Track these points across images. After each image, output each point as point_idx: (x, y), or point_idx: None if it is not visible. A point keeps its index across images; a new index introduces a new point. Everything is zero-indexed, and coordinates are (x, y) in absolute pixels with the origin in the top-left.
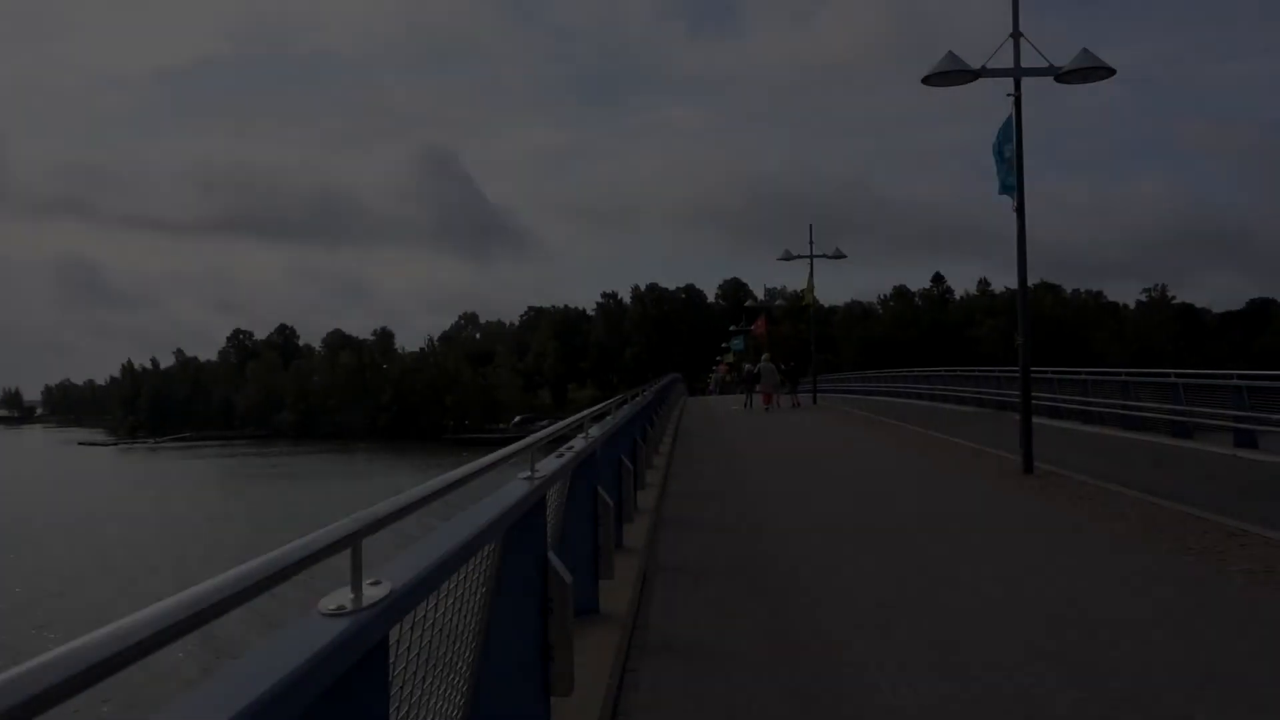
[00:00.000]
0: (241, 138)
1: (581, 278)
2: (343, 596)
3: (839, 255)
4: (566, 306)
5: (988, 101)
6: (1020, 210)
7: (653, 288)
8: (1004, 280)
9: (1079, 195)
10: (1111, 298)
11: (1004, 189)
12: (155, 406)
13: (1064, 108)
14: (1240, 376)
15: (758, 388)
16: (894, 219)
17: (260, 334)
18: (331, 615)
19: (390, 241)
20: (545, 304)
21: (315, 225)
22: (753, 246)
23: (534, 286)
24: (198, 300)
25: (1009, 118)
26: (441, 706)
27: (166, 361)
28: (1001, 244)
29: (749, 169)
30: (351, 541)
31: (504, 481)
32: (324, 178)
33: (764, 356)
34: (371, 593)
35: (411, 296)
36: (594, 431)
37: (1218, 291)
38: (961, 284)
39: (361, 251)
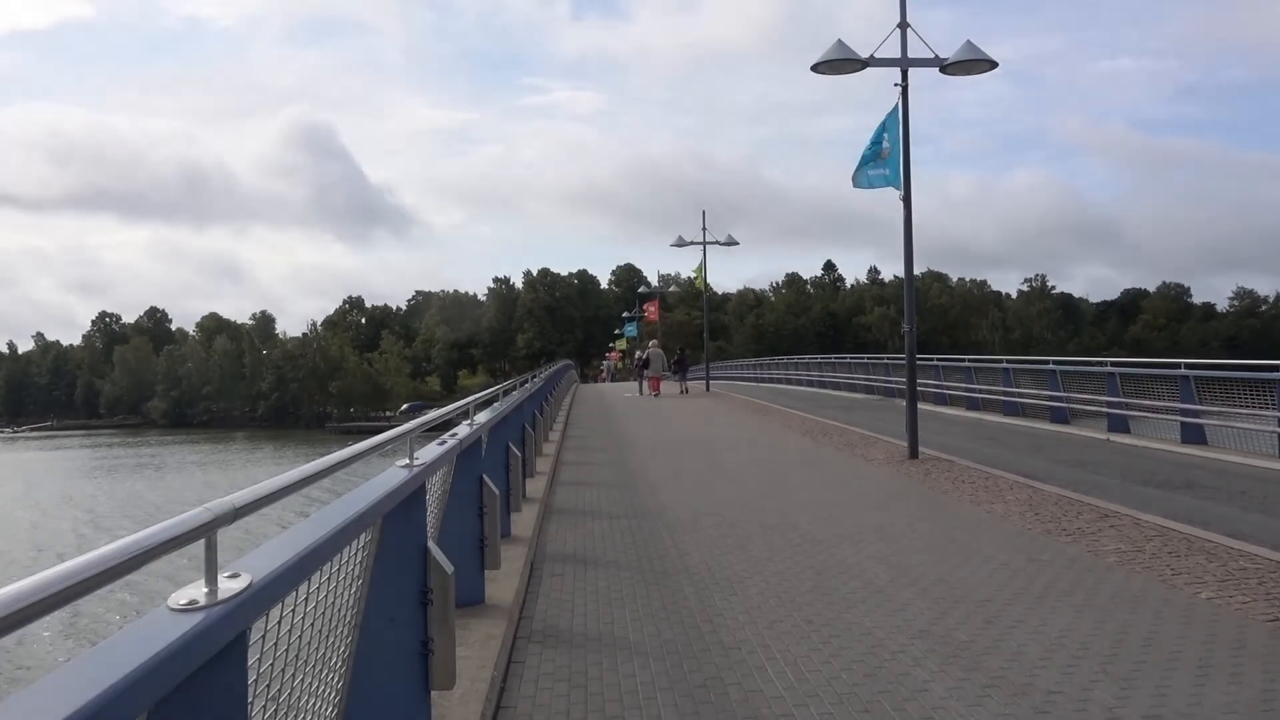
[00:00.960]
0: (103, 107)
1: (472, 262)
2: (196, 590)
3: (731, 242)
4: (456, 291)
5: (879, 91)
6: (907, 200)
7: (545, 273)
8: (893, 269)
9: (963, 186)
10: (995, 287)
11: (865, 180)
12: (12, 393)
13: (949, 100)
14: (1114, 364)
15: (645, 374)
16: (786, 206)
17: (128, 317)
18: (182, 610)
19: (266, 221)
20: (434, 288)
21: (184, 203)
22: (646, 232)
23: (421, 270)
24: (58, 281)
25: (894, 108)
26: (314, 705)
27: (25, 345)
28: (890, 233)
29: (641, 154)
30: (204, 532)
31: (384, 470)
32: (194, 152)
33: (652, 343)
34: (228, 586)
35: (292, 279)
36: (480, 418)
37: (1093, 282)
38: (852, 272)
39: (236, 231)
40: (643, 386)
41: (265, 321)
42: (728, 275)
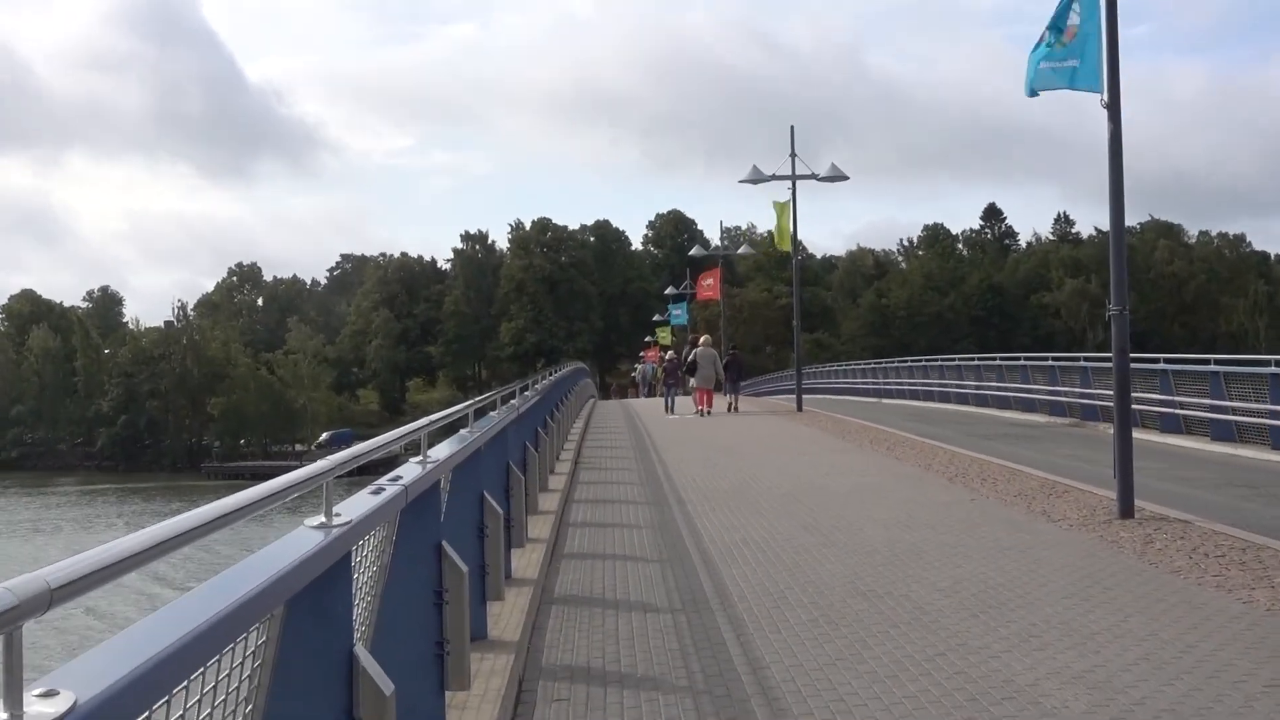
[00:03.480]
0: None
1: (425, 211)
2: None
3: (836, 176)
4: (403, 256)
5: None
6: (1113, 109)
7: (543, 227)
8: (1092, 216)
9: (1201, 85)
10: (1259, 245)
11: (1043, 78)
12: None
13: None
14: None
15: (692, 383)
16: (912, 117)
17: None
18: None
19: (88, 146)
20: (367, 251)
21: None
22: (691, 160)
23: (346, 224)
24: None
25: None
26: None
27: None
28: (1086, 161)
29: (674, 33)
30: (1, 626)
31: (289, 532)
32: None
33: (702, 340)
34: (40, 710)
35: (136, 238)
36: (438, 453)
37: None
38: (1028, 221)
39: (39, 162)
40: (671, 403)
41: (106, 304)
42: (826, 229)
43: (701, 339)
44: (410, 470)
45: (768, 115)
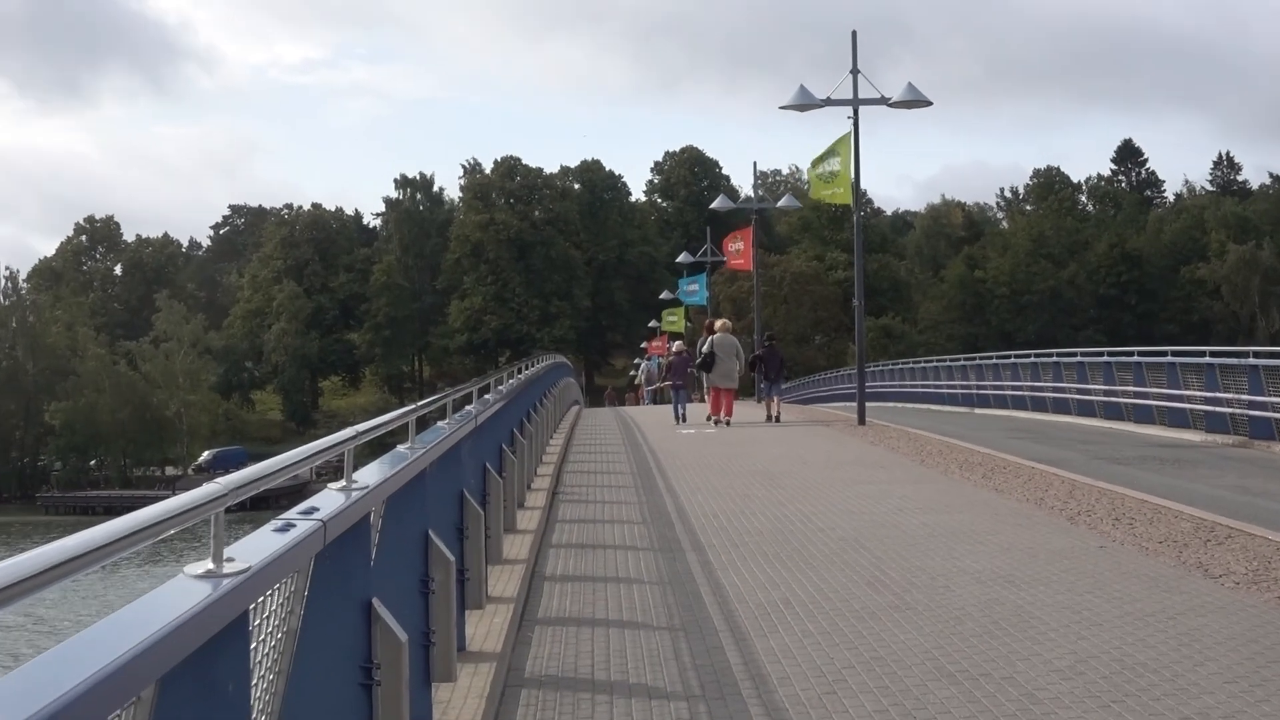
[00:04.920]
0: None
1: (343, 147)
2: None
3: (915, 101)
4: (317, 208)
5: None
6: None
7: (509, 168)
8: (1265, 159)
9: None
10: None
11: None
12: None
13: None
14: None
15: (709, 381)
16: (1008, 26)
17: None
18: None
19: None
20: (264, 202)
21: None
22: (713, 83)
23: (233, 164)
24: None
25: None
26: None
27: None
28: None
29: None
30: None
31: (164, 583)
32: None
33: (719, 325)
34: None
35: None
36: (366, 477)
37: None
38: (1177, 165)
39: None
40: (680, 410)
41: None
42: (890, 176)
43: (719, 324)
44: (329, 500)
45: (805, 17)
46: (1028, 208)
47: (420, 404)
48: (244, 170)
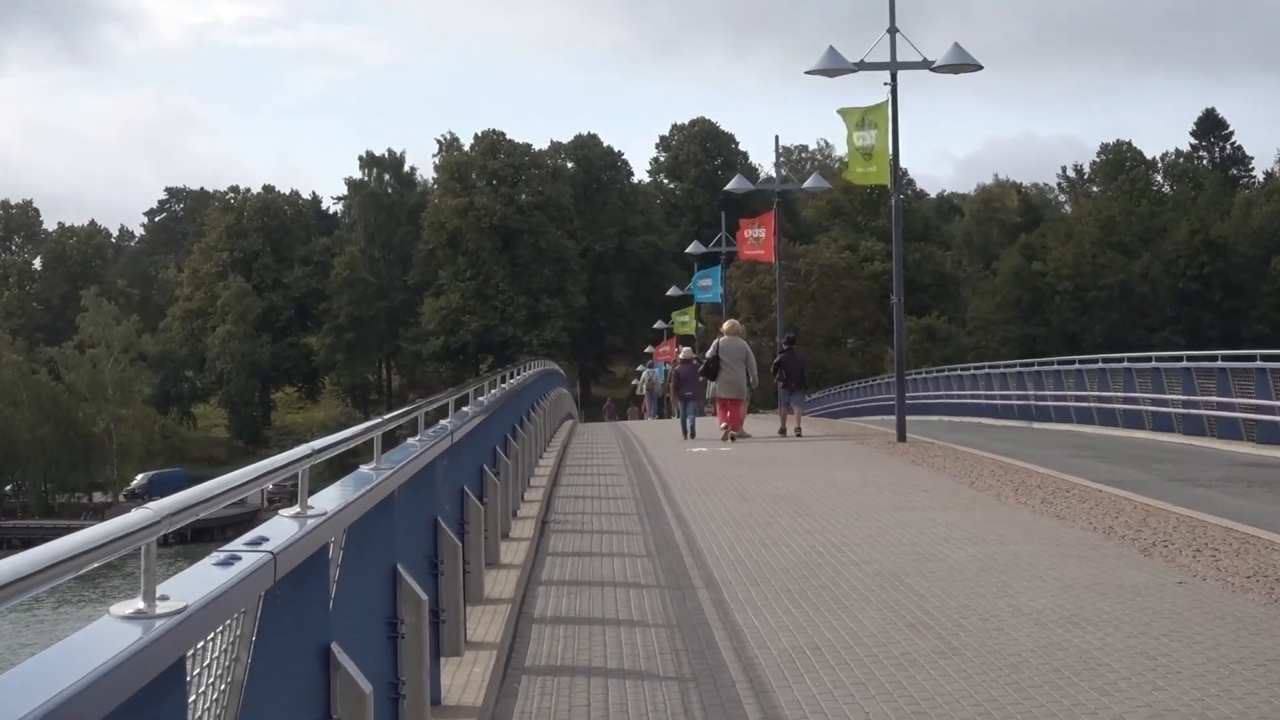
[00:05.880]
0: None
1: (300, 120)
2: None
3: (963, 64)
4: (269, 191)
5: None
6: None
7: (494, 145)
8: None
9: None
10: None
11: None
12: None
13: None
14: None
15: (712, 390)
16: None
17: None
18: None
19: None
20: (209, 184)
21: None
22: (720, 44)
23: (167, 140)
24: None
25: None
26: None
27: None
28: None
29: None
30: None
31: (88, 625)
32: None
33: (725, 327)
34: None
35: None
36: (324, 502)
37: None
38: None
39: None
40: (689, 425)
41: None
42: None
43: (725, 325)
44: (281, 529)
45: None
46: (1094, 189)
47: (387, 417)
48: (177, 148)
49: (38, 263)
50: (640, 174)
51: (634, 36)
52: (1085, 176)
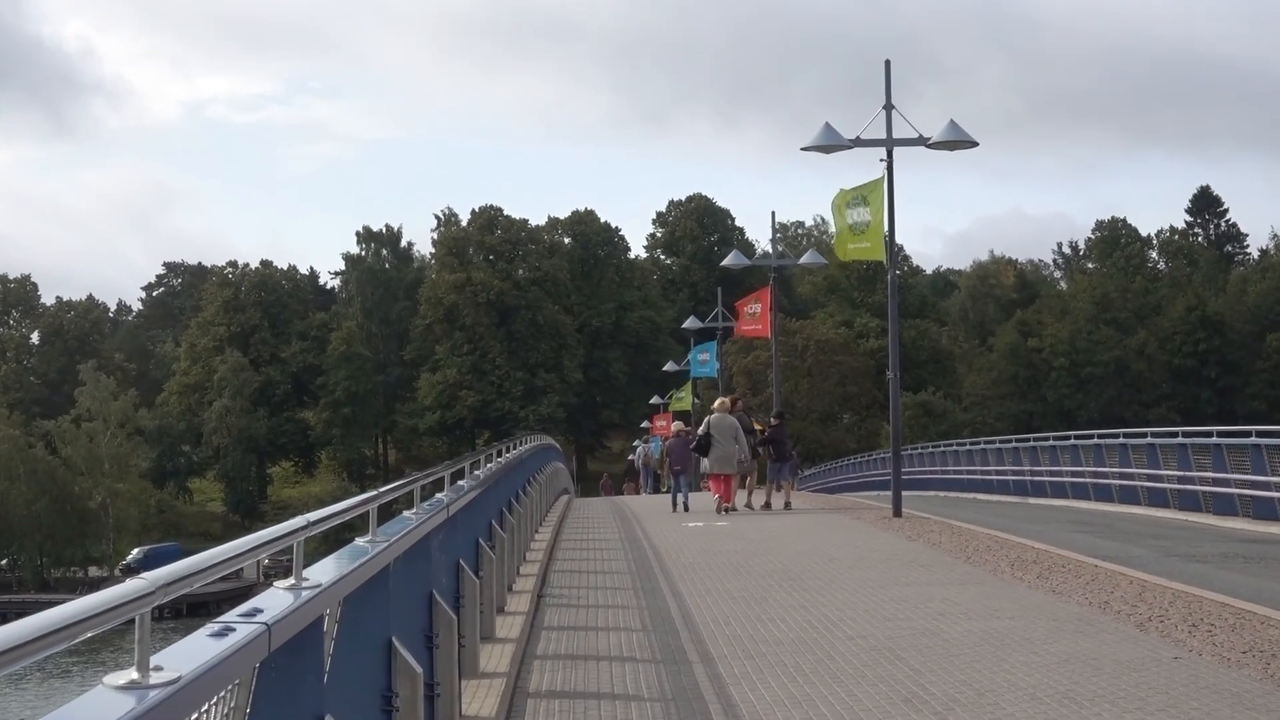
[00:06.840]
0: None
1: (297, 195)
2: None
3: (958, 141)
4: (267, 266)
5: None
6: None
7: (491, 221)
8: None
9: None
10: None
11: None
12: None
13: None
14: None
15: (706, 465)
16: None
17: None
18: None
19: None
20: (208, 259)
21: None
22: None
23: (159, 218)
24: None
25: None
26: None
27: None
28: None
29: None
30: None
31: (80, 695)
32: None
33: (717, 404)
34: None
35: None
36: (321, 574)
37: None
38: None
39: None
40: (682, 499)
41: None
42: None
43: (716, 403)
44: (276, 601)
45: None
46: (1089, 266)
47: (383, 490)
48: (168, 223)
49: (35, 336)
50: (637, 249)
51: (623, 107)
52: (1080, 253)
